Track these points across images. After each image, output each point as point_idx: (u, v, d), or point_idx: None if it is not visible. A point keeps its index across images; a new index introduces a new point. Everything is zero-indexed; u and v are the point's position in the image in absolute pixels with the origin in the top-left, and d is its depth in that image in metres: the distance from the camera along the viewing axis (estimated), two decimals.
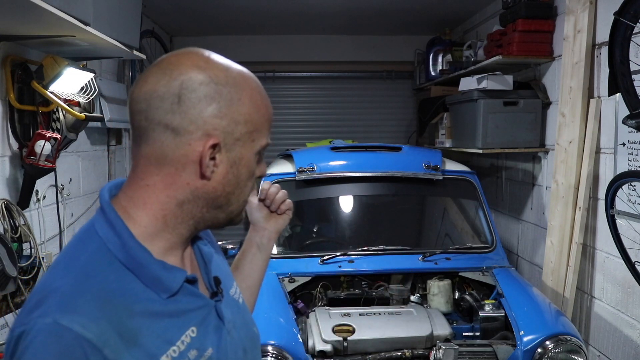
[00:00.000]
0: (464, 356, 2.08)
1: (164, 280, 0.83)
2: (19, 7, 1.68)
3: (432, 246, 2.92)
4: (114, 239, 0.82)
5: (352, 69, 5.53)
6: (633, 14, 1.96)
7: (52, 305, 0.75)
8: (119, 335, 0.76)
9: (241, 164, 0.88)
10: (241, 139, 0.86)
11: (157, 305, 0.82)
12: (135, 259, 0.82)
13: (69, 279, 0.79)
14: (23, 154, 2.30)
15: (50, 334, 0.72)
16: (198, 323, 0.87)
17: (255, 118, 0.88)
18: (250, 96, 0.88)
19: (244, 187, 0.91)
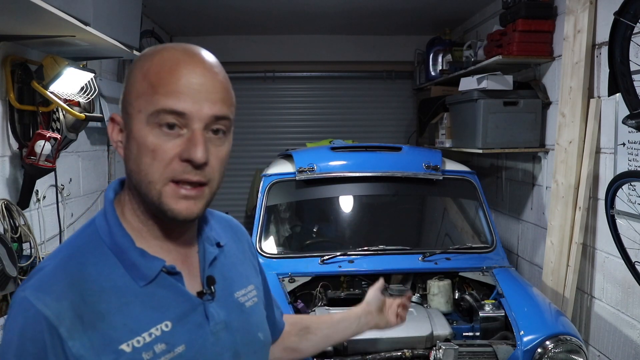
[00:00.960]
0: (464, 356, 2.08)
1: (140, 266, 0.86)
2: (19, 7, 1.68)
3: (432, 246, 2.92)
4: (104, 227, 0.89)
5: (352, 69, 5.53)
6: (633, 14, 1.96)
7: (32, 282, 0.83)
8: (78, 317, 0.80)
9: (132, 139, 0.86)
10: (130, 112, 0.86)
11: (131, 295, 0.84)
12: (117, 244, 0.87)
13: (55, 260, 0.87)
14: (23, 154, 2.30)
15: (20, 307, 0.81)
16: (175, 318, 0.87)
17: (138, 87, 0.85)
18: (141, 66, 0.86)
19: (143, 165, 0.85)
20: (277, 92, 5.58)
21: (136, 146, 0.84)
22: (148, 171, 0.84)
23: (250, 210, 5.07)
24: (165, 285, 0.87)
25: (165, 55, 0.85)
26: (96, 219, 0.91)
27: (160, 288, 0.87)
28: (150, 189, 0.85)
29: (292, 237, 3.11)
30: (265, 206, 2.87)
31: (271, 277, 2.48)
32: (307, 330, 1.30)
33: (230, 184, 5.47)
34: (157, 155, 0.83)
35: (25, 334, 0.80)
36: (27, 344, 0.80)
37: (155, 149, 0.83)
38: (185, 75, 0.84)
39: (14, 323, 0.82)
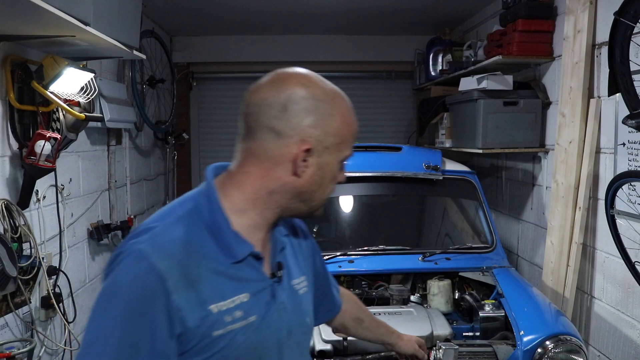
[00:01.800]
0: (464, 356, 2.08)
1: (232, 247, 1.03)
2: (19, 7, 1.68)
3: (432, 246, 2.92)
4: (206, 206, 1.04)
5: (352, 69, 5.53)
6: (633, 14, 1.96)
7: (144, 238, 0.98)
8: (183, 276, 0.96)
9: (326, 169, 1.06)
10: (330, 147, 1.05)
11: (222, 266, 1.01)
12: (216, 224, 1.03)
13: (163, 223, 1.02)
14: (23, 154, 2.30)
15: (135, 257, 0.96)
16: (252, 293, 1.04)
17: (343, 132, 1.06)
18: (342, 114, 1.07)
19: (326, 188, 1.09)
20: None
21: (329, 174, 1.08)
22: (327, 192, 1.10)
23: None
24: (249, 265, 1.05)
25: (349, 104, 1.11)
26: (198, 197, 1.07)
27: (245, 266, 1.04)
28: (320, 203, 1.11)
29: None
30: None
31: None
32: (361, 322, 1.58)
33: None
34: (334, 182, 1.11)
35: (137, 280, 0.94)
36: (137, 290, 0.94)
37: (336, 178, 1.10)
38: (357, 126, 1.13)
39: (127, 270, 0.96)
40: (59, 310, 2.55)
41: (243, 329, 1.02)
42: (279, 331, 1.09)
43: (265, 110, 1.02)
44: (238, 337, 1.01)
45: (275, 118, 1.02)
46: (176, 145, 5.16)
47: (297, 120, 1.01)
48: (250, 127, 1.04)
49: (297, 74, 1.07)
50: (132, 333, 0.93)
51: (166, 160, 5.07)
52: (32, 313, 2.42)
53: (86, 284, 3.17)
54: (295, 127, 1.01)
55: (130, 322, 0.93)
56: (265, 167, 1.04)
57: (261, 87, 1.06)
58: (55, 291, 2.57)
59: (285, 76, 1.06)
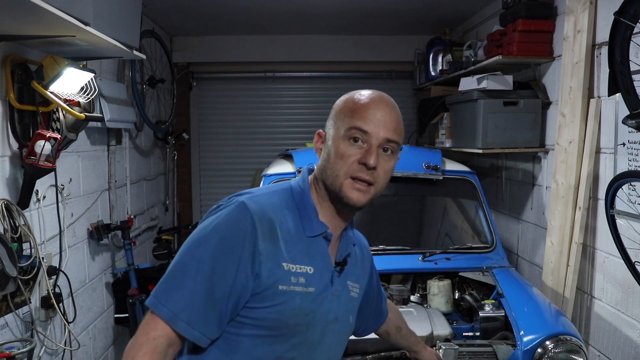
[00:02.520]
0: (464, 356, 2.08)
1: (312, 223, 1.24)
2: (19, 7, 1.68)
3: (432, 246, 2.92)
4: (298, 191, 1.28)
5: (353, 69, 5.53)
6: (633, 14, 1.96)
7: (246, 196, 1.21)
8: (270, 230, 1.17)
9: (330, 144, 1.26)
10: (332, 127, 1.28)
11: (299, 237, 1.21)
12: (304, 203, 1.25)
13: (262, 192, 1.26)
14: (23, 154, 2.30)
15: (237, 205, 1.18)
16: (316, 268, 1.22)
17: (343, 109, 1.27)
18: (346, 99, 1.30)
19: (335, 164, 1.23)
20: (277, 92, 5.58)
21: (332, 150, 1.23)
22: (336, 168, 1.22)
23: None
24: (320, 244, 1.25)
25: (363, 95, 1.27)
26: (293, 184, 1.30)
27: (316, 243, 1.24)
28: (336, 180, 1.22)
29: None
30: None
31: None
32: (399, 330, 1.74)
33: (230, 184, 5.48)
34: (345, 158, 1.21)
35: (235, 221, 1.15)
36: (233, 229, 1.14)
37: (344, 153, 1.22)
38: (373, 109, 1.24)
39: (229, 213, 1.17)
40: (59, 310, 2.55)
41: (302, 294, 1.19)
42: (329, 312, 1.25)
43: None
44: (296, 299, 1.18)
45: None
46: (176, 145, 5.16)
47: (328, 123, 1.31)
48: None
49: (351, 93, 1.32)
50: (221, 263, 1.12)
51: (166, 160, 5.07)
52: (32, 313, 2.42)
53: (86, 284, 3.17)
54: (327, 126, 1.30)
55: (222, 253, 1.13)
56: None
57: None
58: (55, 291, 2.57)
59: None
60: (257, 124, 5.53)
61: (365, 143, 1.22)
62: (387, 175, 1.28)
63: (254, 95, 5.53)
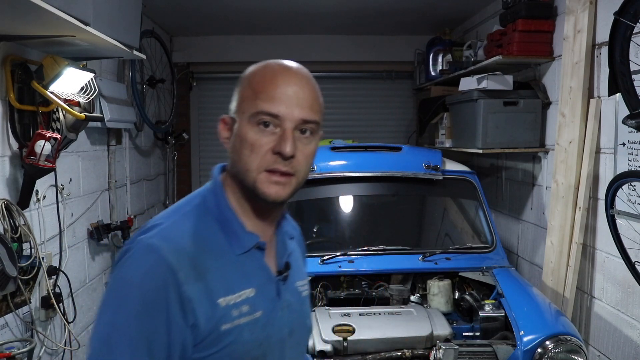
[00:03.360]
0: (464, 356, 2.08)
1: (240, 236, 1.04)
2: (19, 7, 1.68)
3: (432, 246, 2.92)
4: (212, 199, 1.06)
5: (352, 69, 5.53)
6: (633, 14, 1.96)
7: (153, 233, 0.99)
8: (192, 267, 0.96)
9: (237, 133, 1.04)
10: (236, 112, 1.06)
11: (229, 259, 1.02)
12: (224, 215, 1.04)
13: (172, 219, 1.03)
14: (23, 154, 2.30)
15: (145, 251, 0.97)
16: (258, 288, 1.04)
17: (245, 91, 1.05)
18: (245, 77, 1.07)
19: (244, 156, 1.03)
20: None
21: (239, 141, 1.02)
22: (247, 161, 1.01)
23: None
24: (254, 258, 1.05)
25: (268, 68, 1.05)
26: (205, 194, 1.08)
27: (250, 259, 1.04)
28: (247, 175, 1.02)
29: None
30: None
31: None
32: None
33: None
34: (255, 148, 1.01)
35: (149, 273, 0.94)
36: (149, 282, 0.94)
37: (254, 143, 1.01)
38: (281, 85, 1.01)
39: (137, 264, 0.96)
40: (59, 310, 2.55)
41: (249, 324, 1.01)
42: (282, 329, 1.09)
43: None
44: (244, 333, 1.00)
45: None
46: (176, 145, 5.16)
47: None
48: None
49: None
50: (148, 325, 0.93)
51: (166, 160, 5.07)
52: (32, 313, 2.42)
53: (86, 284, 3.17)
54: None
55: (145, 315, 0.93)
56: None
57: None
58: (55, 291, 2.57)
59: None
60: None
61: (278, 127, 1.00)
62: (309, 160, 1.07)
63: None
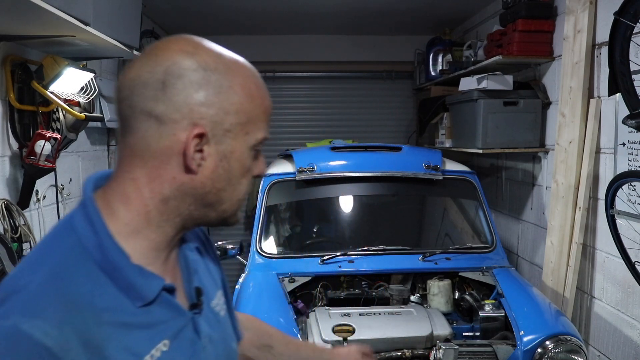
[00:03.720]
0: (464, 356, 2.08)
1: (138, 287, 0.77)
2: (19, 7, 1.68)
3: (432, 246, 2.92)
4: (91, 237, 0.77)
5: (352, 69, 5.52)
6: (633, 14, 1.96)
7: (15, 306, 0.70)
8: (83, 345, 0.70)
9: (233, 158, 0.81)
10: (232, 130, 0.80)
11: (129, 315, 0.76)
12: (110, 261, 0.76)
13: (37, 277, 0.73)
14: (23, 154, 2.30)
15: (9, 338, 0.67)
16: (172, 336, 0.81)
17: (248, 108, 0.81)
18: (243, 84, 0.81)
19: (238, 185, 0.84)
20: (277, 92, 5.57)
21: (237, 165, 0.83)
22: (241, 190, 0.85)
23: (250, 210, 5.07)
24: (162, 303, 0.81)
25: (256, 75, 0.86)
26: (77, 225, 0.78)
27: (157, 306, 0.80)
28: (235, 205, 0.86)
29: (292, 237, 3.11)
30: (265, 206, 2.87)
31: (271, 277, 2.49)
32: (269, 348, 1.25)
33: None
34: (249, 176, 0.86)
35: None
36: None
37: (250, 170, 0.85)
38: (270, 102, 0.88)
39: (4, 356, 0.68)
40: None
41: None
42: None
43: (139, 91, 0.77)
44: None
45: (153, 99, 0.77)
46: None
47: (182, 99, 0.77)
48: (125, 116, 0.80)
49: (179, 39, 0.82)
50: None
51: None
52: None
53: None
54: (181, 108, 0.77)
55: None
56: (152, 167, 0.79)
57: (134, 63, 0.81)
58: None
59: (163, 45, 0.81)
60: None
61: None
62: None
63: None
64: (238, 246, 2.73)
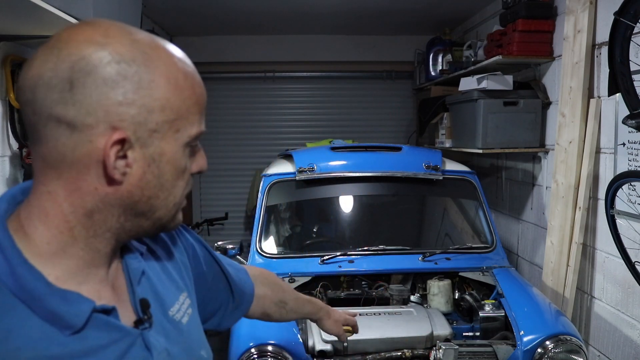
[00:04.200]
0: (464, 356, 2.08)
1: (63, 315, 0.67)
2: (19, 7, 1.68)
3: (432, 246, 2.92)
4: (2, 264, 0.66)
5: (352, 69, 5.53)
6: (633, 14, 1.96)
7: None
8: None
9: (163, 161, 0.71)
10: (159, 130, 0.69)
11: (56, 346, 0.66)
12: (26, 290, 0.66)
13: None
14: (23, 154, 2.30)
15: None
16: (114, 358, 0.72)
17: (175, 103, 0.71)
18: (167, 75, 0.70)
19: (172, 188, 0.74)
20: (277, 92, 5.57)
21: (170, 167, 0.72)
22: (177, 193, 0.76)
23: (250, 210, 5.07)
24: (98, 325, 0.70)
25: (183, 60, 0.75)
26: None
27: (92, 330, 0.69)
28: (172, 210, 0.76)
29: (292, 237, 3.11)
30: (265, 206, 2.87)
31: None
32: (284, 304, 1.31)
33: (230, 184, 5.48)
34: (185, 176, 0.76)
35: None
36: None
37: (185, 170, 0.76)
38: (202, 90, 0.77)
39: None
40: None
41: None
42: None
43: (43, 94, 0.65)
44: None
45: (60, 103, 0.65)
46: None
47: (95, 100, 0.65)
48: (31, 123, 0.68)
49: (85, 27, 0.69)
50: None
51: None
52: None
53: None
54: (95, 111, 0.65)
55: None
56: (69, 178, 0.68)
57: (34, 60, 0.68)
58: None
59: (67, 35, 0.68)
60: (257, 124, 5.53)
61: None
62: None
63: (254, 95, 5.53)
64: (238, 246, 2.73)
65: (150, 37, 0.73)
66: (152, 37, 0.73)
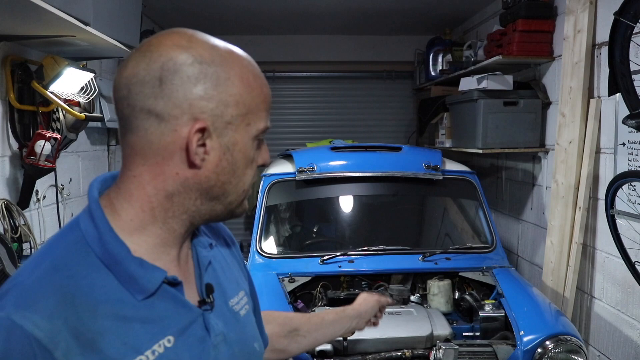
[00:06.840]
0: (464, 356, 2.08)
1: (139, 279, 0.77)
2: (19, 7, 1.68)
3: (432, 246, 2.92)
4: (92, 232, 0.78)
5: (352, 69, 5.53)
6: (633, 14, 1.96)
7: (10, 299, 0.72)
8: (74, 337, 0.70)
9: (236, 150, 0.82)
10: (233, 122, 0.80)
11: (129, 308, 0.76)
12: (110, 254, 0.77)
13: (36, 272, 0.74)
14: (23, 154, 2.30)
15: (2, 329, 0.69)
16: (177, 332, 0.79)
17: (247, 99, 0.82)
18: (241, 75, 0.82)
19: (242, 176, 0.84)
20: (277, 92, 5.57)
21: (241, 156, 0.83)
22: (246, 180, 0.85)
23: (250, 210, 5.07)
24: (166, 297, 0.80)
25: (253, 64, 0.87)
26: (81, 223, 0.80)
27: (160, 300, 0.79)
28: (241, 195, 0.86)
29: (292, 237, 3.11)
30: (265, 206, 2.87)
31: (271, 277, 2.49)
32: (296, 332, 1.27)
33: None
34: (253, 165, 0.86)
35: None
36: None
37: (253, 160, 0.85)
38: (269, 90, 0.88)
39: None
40: None
41: None
42: None
43: (137, 90, 0.77)
44: None
45: (151, 97, 0.76)
46: None
47: (180, 94, 0.77)
48: (124, 116, 0.79)
49: (172, 34, 0.81)
50: None
51: None
52: None
53: None
54: (181, 104, 0.77)
55: None
56: (154, 163, 0.79)
57: (129, 61, 0.79)
58: None
59: (156, 41, 0.80)
60: None
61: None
62: None
63: None
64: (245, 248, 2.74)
65: (226, 43, 0.85)
66: (228, 43, 0.85)
